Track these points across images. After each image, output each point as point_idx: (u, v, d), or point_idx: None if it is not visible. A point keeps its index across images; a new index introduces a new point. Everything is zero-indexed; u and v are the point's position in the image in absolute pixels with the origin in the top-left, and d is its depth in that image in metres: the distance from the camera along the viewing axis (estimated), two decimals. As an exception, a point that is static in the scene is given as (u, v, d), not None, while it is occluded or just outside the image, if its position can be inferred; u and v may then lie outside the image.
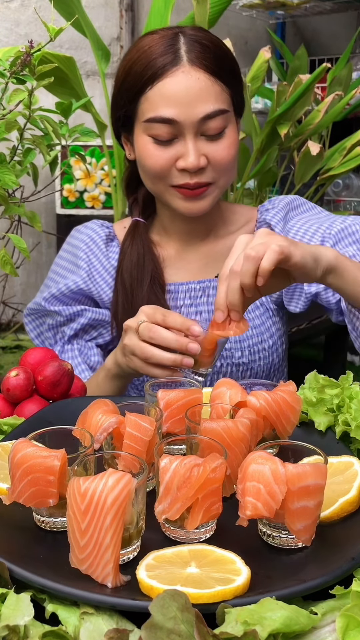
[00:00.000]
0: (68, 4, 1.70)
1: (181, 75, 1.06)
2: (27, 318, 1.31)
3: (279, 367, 1.27)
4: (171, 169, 1.10)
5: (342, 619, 0.52)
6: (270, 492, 0.61)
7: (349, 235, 1.16)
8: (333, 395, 0.86)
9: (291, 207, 1.26)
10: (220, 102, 1.08)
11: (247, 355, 1.20)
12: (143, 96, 1.09)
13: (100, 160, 2.15)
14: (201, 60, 1.06)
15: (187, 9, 2.24)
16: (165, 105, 1.06)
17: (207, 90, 1.06)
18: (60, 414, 0.87)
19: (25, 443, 0.66)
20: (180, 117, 1.06)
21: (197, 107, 1.06)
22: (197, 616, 0.49)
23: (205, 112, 1.06)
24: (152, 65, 1.07)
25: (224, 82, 1.09)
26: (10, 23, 2.20)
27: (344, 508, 0.66)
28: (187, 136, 1.07)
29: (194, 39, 1.08)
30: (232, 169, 1.15)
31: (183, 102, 1.05)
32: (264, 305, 1.24)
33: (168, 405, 0.81)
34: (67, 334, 1.24)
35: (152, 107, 1.08)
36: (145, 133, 1.10)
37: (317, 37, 3.24)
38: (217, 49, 1.10)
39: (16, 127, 0.98)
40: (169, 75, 1.06)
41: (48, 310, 1.25)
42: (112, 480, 0.58)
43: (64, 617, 0.54)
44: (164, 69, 1.06)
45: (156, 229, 1.27)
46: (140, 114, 1.10)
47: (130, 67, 1.10)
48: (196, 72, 1.06)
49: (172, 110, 1.06)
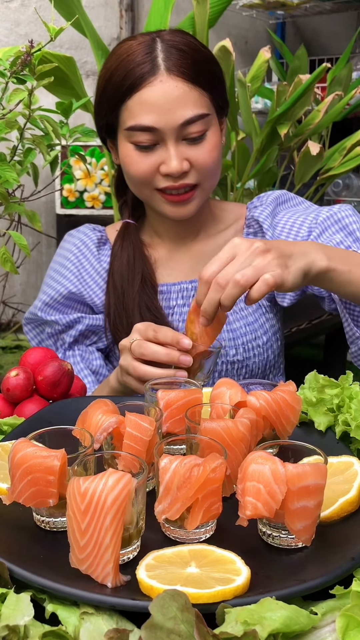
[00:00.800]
0: (68, 4, 1.70)
1: (159, 84, 1.07)
2: (27, 327, 1.32)
3: (274, 364, 1.27)
4: (155, 174, 1.11)
5: (342, 619, 0.52)
6: (270, 492, 0.61)
7: (335, 222, 1.17)
8: (333, 395, 0.86)
9: (279, 201, 1.26)
10: (199, 106, 1.09)
11: (242, 352, 1.21)
12: (123, 105, 1.10)
13: (100, 160, 2.15)
14: (178, 67, 1.07)
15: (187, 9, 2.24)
16: (144, 114, 1.07)
17: (185, 96, 1.07)
18: (60, 414, 0.87)
19: (25, 443, 0.66)
20: (160, 124, 1.07)
21: (176, 114, 1.07)
22: (197, 616, 0.49)
23: (184, 117, 1.07)
24: (131, 75, 1.08)
25: (203, 87, 1.10)
26: (10, 23, 2.20)
27: (344, 508, 0.66)
28: (169, 142, 1.09)
29: (171, 45, 1.09)
30: (216, 171, 1.16)
31: (162, 109, 1.07)
32: (257, 302, 1.24)
33: (168, 405, 0.81)
34: (67, 340, 1.25)
35: (132, 116, 1.09)
36: (127, 140, 1.12)
37: (317, 37, 3.24)
38: (195, 53, 1.10)
39: (16, 126, 0.98)
40: (147, 85, 1.07)
41: (45, 320, 1.25)
42: (112, 480, 0.58)
43: (64, 617, 0.54)
44: (142, 79, 1.07)
45: (147, 230, 1.28)
46: (121, 122, 1.12)
47: (109, 77, 1.11)
48: (174, 81, 1.07)
49: (151, 117, 1.07)
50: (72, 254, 1.26)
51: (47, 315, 1.25)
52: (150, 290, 1.20)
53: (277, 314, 1.28)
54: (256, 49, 1.95)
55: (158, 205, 1.15)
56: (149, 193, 1.14)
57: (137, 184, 1.15)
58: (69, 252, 1.27)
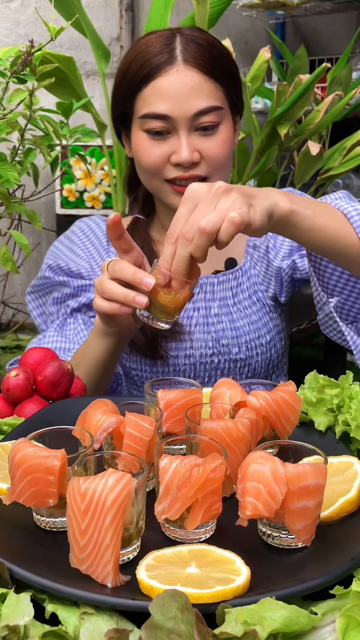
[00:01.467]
0: (68, 4, 1.70)
1: (175, 74, 1.09)
2: (30, 296, 1.30)
3: (278, 364, 1.27)
4: (165, 164, 1.12)
5: (342, 619, 0.52)
6: (270, 492, 0.61)
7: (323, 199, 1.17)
8: (333, 395, 0.86)
9: None
10: (213, 99, 1.10)
11: (245, 351, 1.21)
12: (139, 94, 1.12)
13: (100, 160, 2.15)
14: (195, 59, 1.09)
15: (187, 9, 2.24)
16: (159, 102, 1.09)
17: (200, 87, 1.09)
18: (60, 414, 0.87)
19: (25, 443, 0.66)
20: (174, 112, 1.08)
21: (190, 103, 1.08)
22: (197, 616, 0.49)
23: (198, 108, 1.08)
24: (148, 65, 1.10)
25: (218, 80, 1.11)
26: (10, 23, 2.20)
27: (344, 508, 0.66)
28: (180, 131, 1.10)
29: (190, 39, 1.11)
30: (226, 166, 1.16)
31: (176, 98, 1.08)
32: (261, 301, 1.24)
33: (168, 405, 0.81)
34: (71, 306, 1.23)
35: (147, 104, 1.10)
36: (140, 129, 1.13)
37: (317, 37, 3.24)
38: (213, 49, 1.12)
39: (17, 127, 0.98)
40: (163, 74, 1.09)
41: (54, 281, 1.23)
42: (112, 480, 0.58)
43: (64, 617, 0.54)
44: (158, 68, 1.09)
45: (155, 226, 1.28)
46: (136, 111, 1.13)
47: (127, 67, 1.13)
48: (190, 71, 1.09)
49: (165, 105, 1.08)
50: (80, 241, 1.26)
51: (56, 276, 1.23)
52: None
53: (281, 314, 1.28)
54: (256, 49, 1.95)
55: (167, 197, 1.15)
56: (159, 184, 1.15)
57: (147, 174, 1.15)
58: (77, 239, 1.27)
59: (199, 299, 1.22)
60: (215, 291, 1.22)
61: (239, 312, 1.22)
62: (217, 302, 1.22)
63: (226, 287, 1.23)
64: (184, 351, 1.20)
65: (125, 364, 1.24)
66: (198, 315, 1.21)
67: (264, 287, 1.24)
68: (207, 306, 1.22)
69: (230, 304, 1.22)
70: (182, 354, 1.20)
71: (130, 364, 1.22)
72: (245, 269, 1.24)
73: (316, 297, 1.08)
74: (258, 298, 1.24)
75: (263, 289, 1.24)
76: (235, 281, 1.23)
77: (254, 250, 1.25)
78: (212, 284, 1.22)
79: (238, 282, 1.24)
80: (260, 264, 1.24)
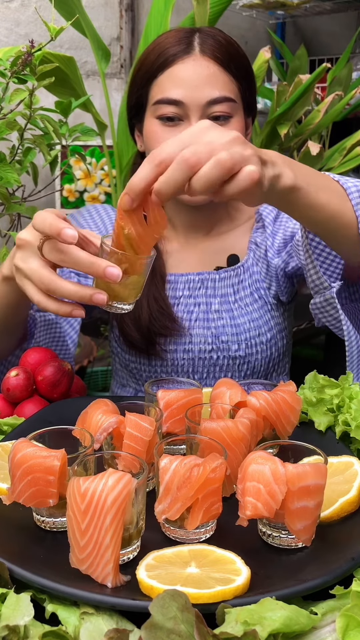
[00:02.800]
0: (68, 4, 1.70)
1: (191, 62, 1.10)
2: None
3: (279, 362, 1.27)
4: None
5: (342, 619, 0.52)
6: (270, 492, 0.61)
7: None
8: (333, 395, 0.86)
9: None
10: (227, 90, 1.11)
11: (244, 348, 1.21)
12: (155, 81, 1.13)
13: (100, 160, 2.15)
14: (212, 51, 1.11)
15: (187, 9, 2.24)
16: (174, 88, 1.10)
17: (215, 76, 1.10)
18: (60, 414, 0.87)
19: (25, 443, 0.66)
20: (187, 99, 1.09)
21: (204, 91, 1.09)
22: (197, 616, 0.49)
23: (211, 96, 1.09)
24: (165, 53, 1.12)
25: (233, 75, 1.13)
26: (10, 23, 2.19)
27: (344, 508, 0.66)
28: (192, 119, 1.10)
29: (209, 35, 1.14)
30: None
31: (191, 85, 1.09)
32: (263, 299, 1.24)
33: (168, 405, 0.81)
34: None
35: (161, 90, 1.12)
36: (153, 116, 1.14)
37: (317, 37, 3.23)
38: (230, 46, 1.14)
39: (17, 127, 0.98)
40: (179, 62, 1.11)
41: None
42: (112, 480, 0.58)
43: (64, 617, 0.54)
44: (175, 56, 1.11)
45: None
46: (150, 98, 1.14)
47: (145, 57, 1.15)
48: (206, 61, 1.11)
49: (179, 91, 1.10)
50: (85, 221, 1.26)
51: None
52: (159, 282, 1.21)
53: (284, 313, 1.28)
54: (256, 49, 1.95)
55: None
56: None
57: None
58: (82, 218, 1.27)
59: (199, 295, 1.22)
60: (217, 287, 1.22)
61: (240, 309, 1.22)
62: (218, 298, 1.22)
63: (227, 284, 1.23)
64: (183, 346, 1.20)
65: (123, 356, 1.24)
66: (198, 310, 1.21)
67: (266, 285, 1.24)
68: (208, 302, 1.22)
69: (231, 300, 1.22)
70: (180, 348, 1.20)
71: (129, 356, 1.23)
72: (248, 266, 1.24)
73: (315, 281, 1.01)
74: (260, 295, 1.24)
75: (265, 287, 1.24)
76: (237, 278, 1.23)
77: (257, 247, 1.25)
78: (213, 280, 1.22)
79: (240, 279, 1.24)
80: (262, 261, 1.24)
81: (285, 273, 1.20)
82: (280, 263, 1.19)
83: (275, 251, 1.20)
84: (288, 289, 1.23)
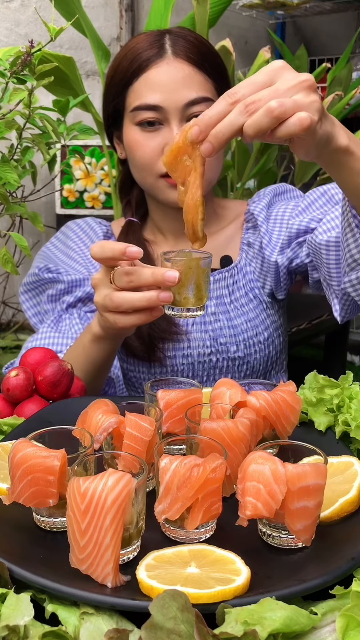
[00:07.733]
0: (68, 4, 1.70)
1: (165, 66, 1.10)
2: (24, 296, 1.26)
3: (277, 360, 1.27)
4: (159, 157, 1.12)
5: (342, 619, 0.52)
6: (270, 492, 0.61)
7: (321, 194, 1.17)
8: (333, 395, 0.86)
9: (277, 193, 1.28)
10: (203, 90, 1.11)
11: (243, 349, 1.21)
12: (130, 88, 1.13)
13: (100, 160, 2.15)
14: (185, 52, 1.11)
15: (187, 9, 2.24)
16: (150, 93, 1.10)
17: (190, 78, 1.10)
18: (60, 414, 0.87)
19: (25, 443, 0.66)
20: (165, 103, 1.09)
21: (181, 94, 1.09)
22: (197, 616, 0.49)
23: (189, 98, 1.10)
24: (138, 59, 1.11)
25: (208, 74, 1.13)
26: (10, 23, 2.19)
27: (344, 508, 0.66)
28: (172, 122, 1.11)
29: (179, 36, 1.13)
30: (218, 160, 1.16)
31: (167, 88, 1.09)
32: (258, 298, 1.24)
33: (168, 405, 0.81)
34: (67, 301, 1.20)
35: (138, 97, 1.12)
36: (132, 123, 1.14)
37: (317, 37, 3.23)
38: (201, 45, 1.14)
39: (15, 127, 0.98)
40: (153, 67, 1.11)
41: (46, 278, 1.21)
42: (112, 480, 0.57)
43: (64, 617, 0.54)
44: (149, 61, 1.11)
45: (150, 228, 1.28)
46: (127, 105, 1.14)
47: (118, 64, 1.15)
48: (180, 63, 1.11)
49: (156, 96, 1.10)
50: (75, 243, 1.26)
51: (47, 273, 1.20)
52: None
53: (279, 310, 1.29)
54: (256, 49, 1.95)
55: (162, 192, 1.15)
56: (153, 181, 1.15)
57: (141, 171, 1.15)
58: (72, 242, 1.26)
59: None
60: (212, 289, 1.22)
61: (236, 310, 1.22)
62: (213, 300, 1.22)
63: (222, 285, 1.23)
64: (182, 351, 1.20)
65: (122, 366, 1.23)
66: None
67: (260, 284, 1.24)
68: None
69: (227, 302, 1.22)
70: (179, 354, 1.20)
71: (128, 365, 1.22)
72: (241, 267, 1.24)
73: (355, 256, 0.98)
74: (255, 295, 1.24)
75: (259, 286, 1.24)
76: (231, 279, 1.23)
77: (249, 247, 1.25)
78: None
79: (234, 280, 1.24)
80: (256, 261, 1.24)
81: (288, 269, 1.20)
82: (285, 260, 1.19)
83: (278, 249, 1.20)
84: (287, 285, 1.24)
